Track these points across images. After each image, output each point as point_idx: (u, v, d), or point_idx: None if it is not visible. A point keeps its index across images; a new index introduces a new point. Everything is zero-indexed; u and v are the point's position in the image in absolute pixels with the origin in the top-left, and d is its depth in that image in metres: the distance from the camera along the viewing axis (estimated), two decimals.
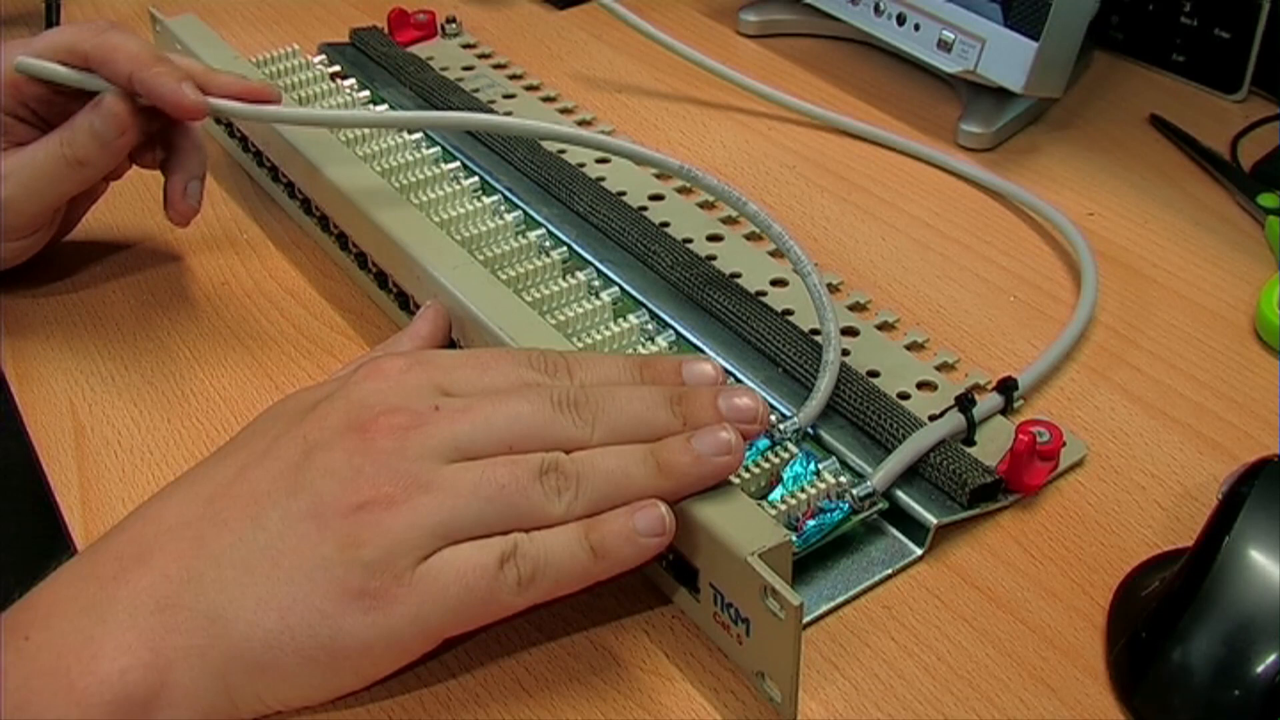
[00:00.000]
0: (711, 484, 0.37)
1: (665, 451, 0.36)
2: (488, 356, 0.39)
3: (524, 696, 0.37)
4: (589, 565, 0.35)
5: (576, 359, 0.39)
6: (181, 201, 0.52)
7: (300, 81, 0.60)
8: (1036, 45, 0.60)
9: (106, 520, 0.43)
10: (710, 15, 0.77)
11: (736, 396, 0.38)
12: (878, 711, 0.37)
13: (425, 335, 0.45)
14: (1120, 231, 0.57)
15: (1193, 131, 0.63)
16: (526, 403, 0.37)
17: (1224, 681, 0.35)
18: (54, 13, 0.74)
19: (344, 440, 0.35)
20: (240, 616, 0.34)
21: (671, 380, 0.39)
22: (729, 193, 0.51)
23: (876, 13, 0.67)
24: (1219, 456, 0.45)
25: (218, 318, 0.53)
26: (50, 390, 0.49)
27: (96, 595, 0.34)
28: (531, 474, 0.35)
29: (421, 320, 0.46)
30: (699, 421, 0.37)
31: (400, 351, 0.41)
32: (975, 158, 0.63)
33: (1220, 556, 0.36)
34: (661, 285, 0.52)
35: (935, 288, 0.54)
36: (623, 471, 0.36)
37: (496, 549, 0.35)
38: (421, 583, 0.34)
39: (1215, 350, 0.50)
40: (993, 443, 0.44)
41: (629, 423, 0.37)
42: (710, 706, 0.37)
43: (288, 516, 0.35)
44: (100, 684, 0.33)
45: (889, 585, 0.41)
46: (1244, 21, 0.64)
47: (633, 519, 0.35)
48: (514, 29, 0.76)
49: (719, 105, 0.68)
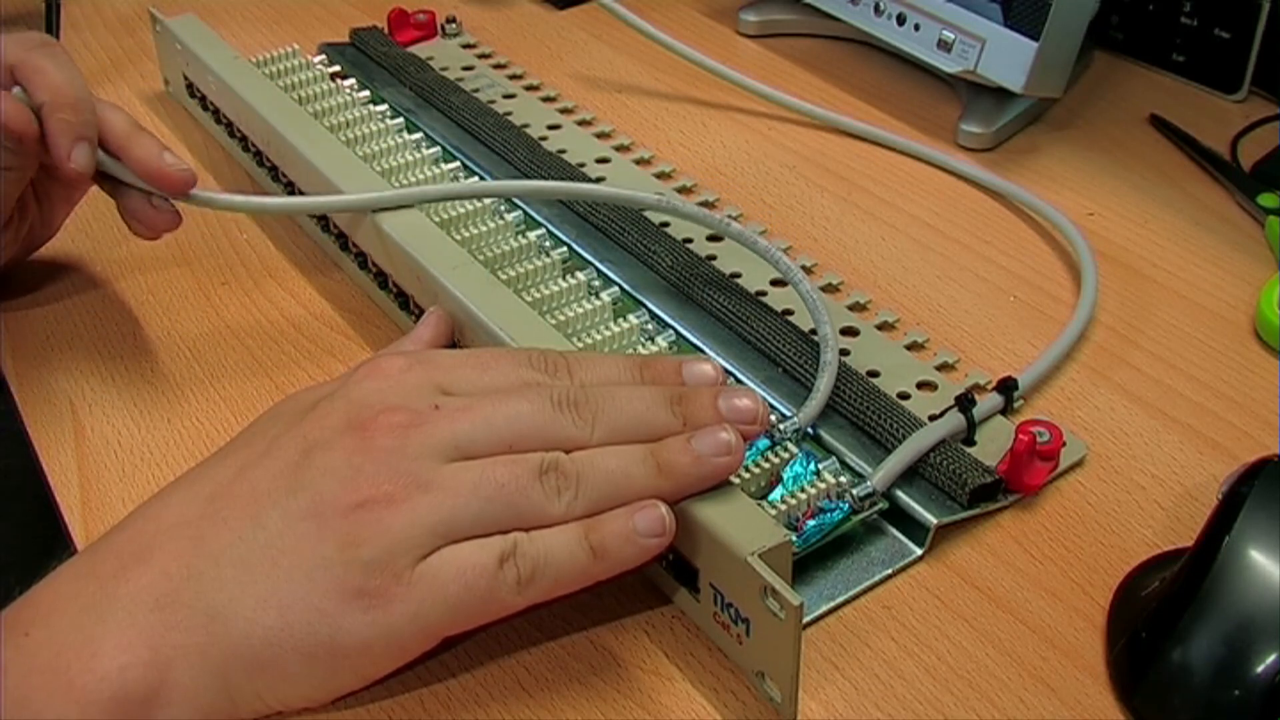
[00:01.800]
0: (711, 484, 0.37)
1: (665, 452, 0.36)
2: (488, 356, 0.39)
3: (524, 696, 0.37)
4: (589, 565, 0.35)
5: (577, 359, 0.39)
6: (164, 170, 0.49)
7: (300, 81, 0.60)
8: (1036, 45, 0.60)
9: (106, 520, 0.43)
10: (710, 15, 0.77)
11: (736, 397, 0.38)
12: (878, 711, 0.37)
13: (428, 340, 0.45)
14: (1120, 231, 0.57)
15: (1193, 131, 0.63)
16: (526, 402, 0.37)
17: (1224, 681, 0.35)
18: (54, 13, 0.74)
19: (344, 439, 0.35)
20: (240, 615, 0.34)
21: (671, 380, 0.39)
22: (709, 217, 0.51)
23: (876, 13, 0.67)
24: (1219, 456, 0.45)
25: (218, 318, 0.53)
26: (50, 390, 0.49)
27: (96, 593, 0.34)
28: (531, 473, 0.35)
29: (424, 326, 0.46)
30: (699, 422, 0.37)
31: (401, 351, 0.41)
32: (975, 158, 0.63)
33: (1220, 556, 0.36)
34: (661, 285, 0.52)
35: (935, 288, 0.54)
36: (623, 471, 0.36)
37: (496, 548, 0.35)
38: (421, 582, 0.34)
39: (1215, 350, 0.50)
40: (993, 443, 0.44)
41: (629, 423, 0.37)
42: (710, 706, 0.37)
43: (288, 515, 0.35)
44: (100, 682, 0.33)
45: (889, 585, 0.41)
46: (1244, 21, 0.64)
47: (633, 519, 0.35)
48: (514, 29, 0.76)
49: (719, 105, 0.68)
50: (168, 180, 0.48)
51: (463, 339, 0.46)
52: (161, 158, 0.48)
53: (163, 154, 0.48)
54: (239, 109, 0.60)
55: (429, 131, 0.62)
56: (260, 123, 0.57)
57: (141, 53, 0.73)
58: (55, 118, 0.47)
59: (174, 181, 0.48)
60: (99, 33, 0.76)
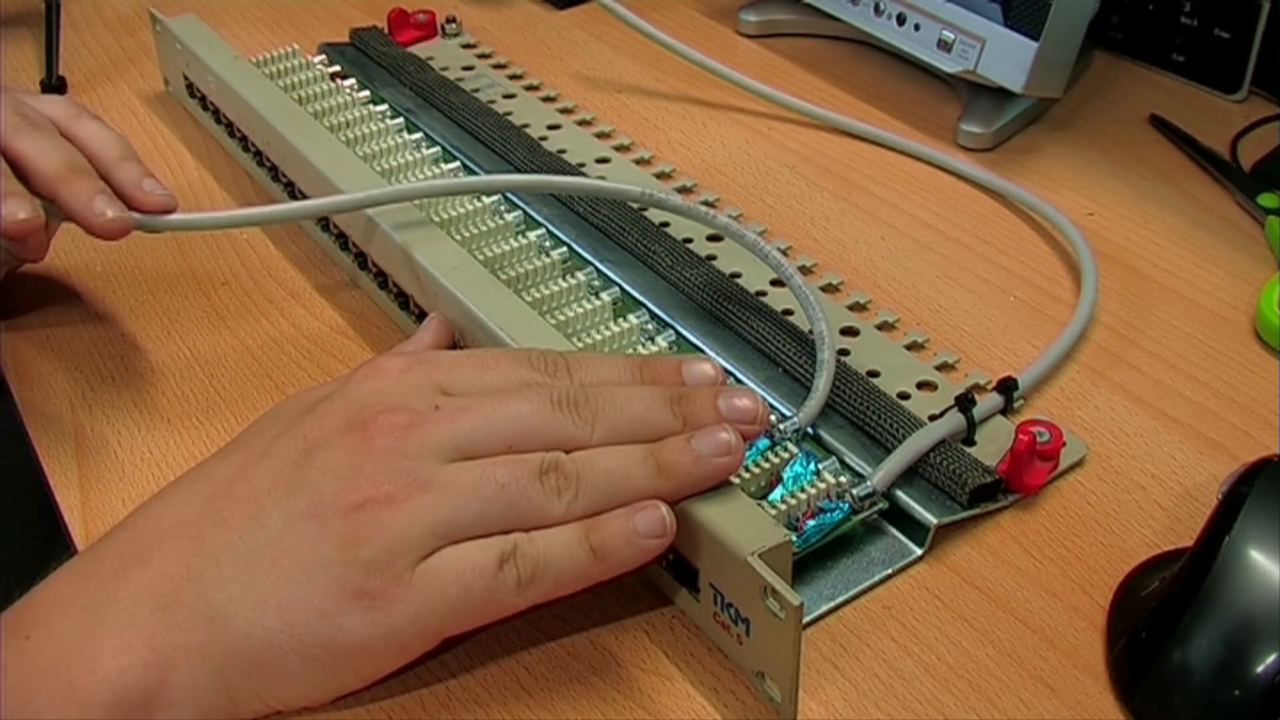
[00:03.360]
0: (711, 485, 0.37)
1: (665, 452, 0.36)
2: (488, 356, 0.39)
3: (524, 696, 0.37)
4: (589, 566, 0.35)
5: (576, 359, 0.39)
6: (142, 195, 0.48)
7: (300, 81, 0.60)
8: (1036, 45, 0.60)
9: (106, 520, 0.43)
10: (710, 15, 0.77)
11: (736, 397, 0.38)
12: (878, 711, 0.37)
13: (428, 345, 0.46)
14: (1120, 231, 0.57)
15: (1193, 131, 0.63)
16: (526, 402, 0.37)
17: (1224, 681, 0.35)
18: (54, 13, 0.74)
19: (344, 439, 0.35)
20: (240, 615, 0.34)
21: (671, 380, 0.39)
22: (696, 209, 0.51)
23: (876, 13, 0.67)
24: (1219, 456, 0.45)
25: (218, 318, 0.53)
26: (50, 390, 0.49)
27: (97, 594, 0.34)
28: (531, 474, 0.35)
29: (425, 331, 0.46)
30: (699, 422, 0.37)
31: (401, 352, 0.41)
32: (975, 158, 0.63)
33: (1220, 556, 0.36)
34: (661, 285, 0.52)
35: (935, 288, 0.54)
36: (623, 472, 0.36)
37: (496, 549, 0.35)
38: (421, 582, 0.34)
39: (1215, 350, 0.50)
40: (993, 443, 0.44)
41: (629, 423, 0.37)
42: (710, 706, 0.37)
43: (287, 515, 0.35)
44: (100, 683, 0.33)
45: (889, 585, 0.41)
46: (1244, 21, 0.64)
47: (633, 520, 0.35)
48: (514, 29, 0.76)
49: (719, 105, 0.68)
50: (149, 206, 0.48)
51: (463, 339, 0.46)
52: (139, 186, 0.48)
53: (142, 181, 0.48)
54: (239, 109, 0.60)
55: (429, 131, 0.62)
56: (260, 123, 0.57)
57: (141, 53, 0.73)
58: (67, 193, 0.46)
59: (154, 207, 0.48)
60: (99, 33, 0.76)
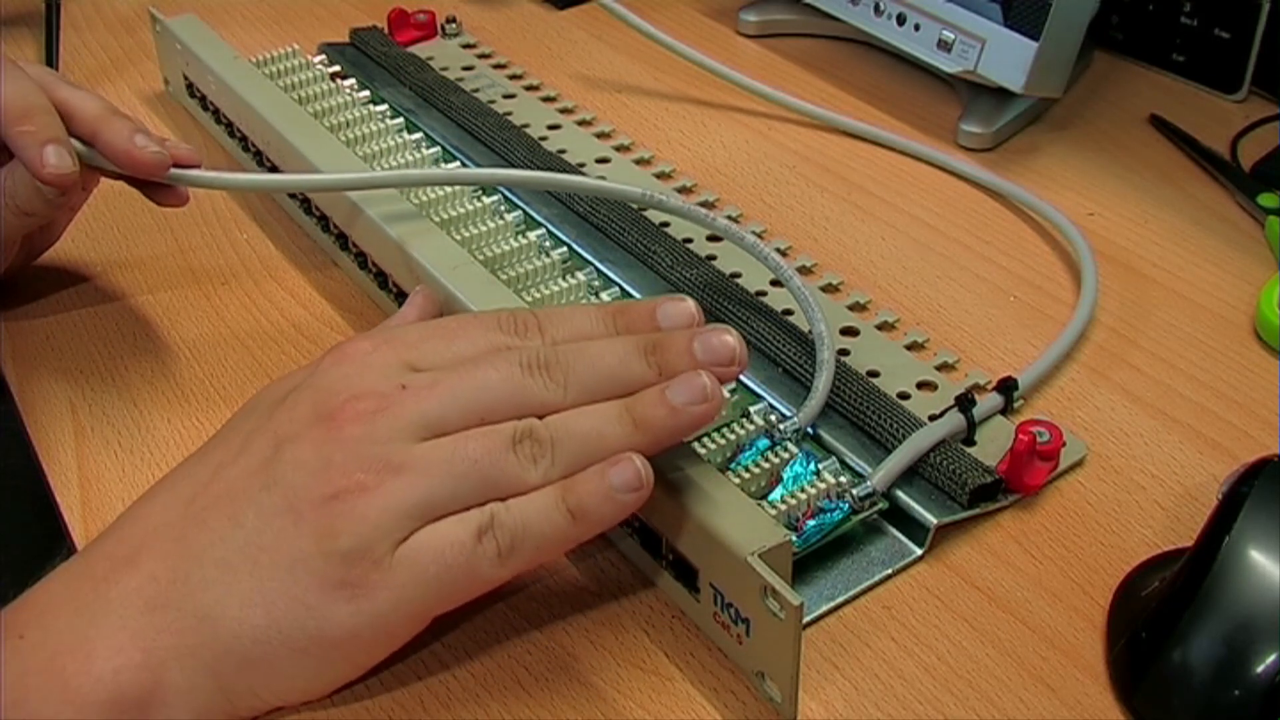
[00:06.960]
0: (691, 434, 0.36)
1: (640, 406, 0.36)
2: (455, 324, 0.38)
3: (524, 696, 0.37)
4: (568, 529, 0.35)
5: (547, 315, 0.38)
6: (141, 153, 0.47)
7: (300, 81, 0.60)
8: (1036, 45, 0.60)
9: (106, 520, 0.43)
10: (710, 15, 0.77)
11: (714, 335, 0.37)
12: (878, 711, 0.37)
13: (414, 320, 0.44)
14: (1120, 231, 0.57)
15: (1193, 131, 0.63)
16: (495, 370, 0.36)
17: (1224, 681, 0.35)
18: (54, 13, 0.74)
19: (312, 431, 0.35)
20: (227, 614, 0.34)
21: (646, 326, 0.38)
22: (696, 211, 0.51)
23: (876, 13, 0.67)
24: (1219, 456, 0.45)
25: (218, 318, 0.53)
26: (50, 390, 0.49)
27: (90, 595, 0.34)
28: (505, 444, 0.35)
29: (410, 307, 0.45)
30: (674, 369, 0.36)
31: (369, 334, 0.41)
32: (975, 158, 0.63)
33: (1220, 556, 0.36)
34: (661, 285, 0.52)
35: (935, 288, 0.54)
36: (598, 432, 0.35)
37: (474, 522, 0.34)
38: (400, 566, 0.34)
39: (1215, 350, 0.50)
40: (993, 443, 0.44)
41: (602, 379, 0.36)
42: (710, 706, 0.37)
43: (263, 513, 0.34)
44: (95, 683, 0.33)
45: (889, 585, 0.41)
46: (1244, 21, 0.64)
47: (608, 476, 0.34)
48: (514, 29, 0.76)
49: (719, 105, 0.68)
50: (139, 165, 0.47)
51: None
52: (131, 140, 0.47)
53: (133, 136, 0.47)
54: (239, 109, 0.60)
55: (429, 131, 0.62)
56: (260, 123, 0.57)
57: (141, 53, 0.73)
58: (13, 132, 0.45)
59: (146, 165, 0.47)
60: (99, 33, 0.76)
